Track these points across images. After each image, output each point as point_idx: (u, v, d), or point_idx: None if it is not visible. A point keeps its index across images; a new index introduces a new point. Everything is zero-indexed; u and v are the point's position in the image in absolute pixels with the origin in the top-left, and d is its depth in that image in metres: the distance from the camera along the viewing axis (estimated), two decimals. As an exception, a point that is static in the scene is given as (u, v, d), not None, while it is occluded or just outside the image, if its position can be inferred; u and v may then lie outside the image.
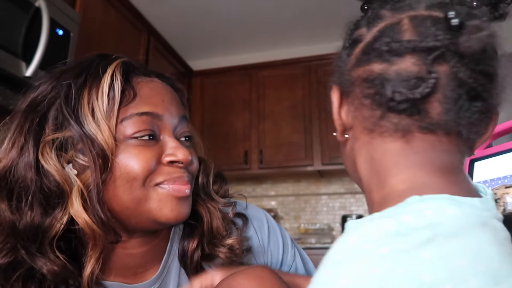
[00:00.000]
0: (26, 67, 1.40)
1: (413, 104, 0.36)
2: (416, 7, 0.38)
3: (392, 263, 0.30)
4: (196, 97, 3.20)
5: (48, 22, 1.44)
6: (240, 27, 3.00)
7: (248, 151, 2.98)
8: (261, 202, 3.23)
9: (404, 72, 0.36)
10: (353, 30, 0.43)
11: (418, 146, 0.37)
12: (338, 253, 0.32)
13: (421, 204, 0.33)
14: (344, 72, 0.42)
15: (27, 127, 0.53)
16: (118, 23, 2.26)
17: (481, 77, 0.36)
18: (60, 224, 0.51)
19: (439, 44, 0.35)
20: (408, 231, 0.31)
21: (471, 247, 0.31)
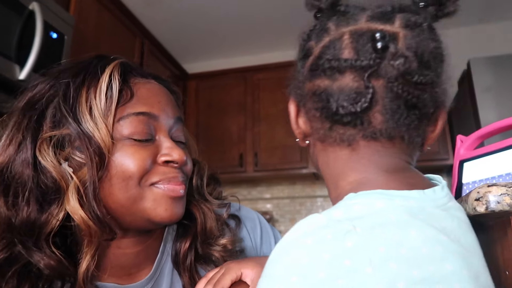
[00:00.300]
0: (20, 70, 1.40)
1: (356, 116, 0.39)
2: (358, 19, 0.42)
3: (317, 251, 0.34)
4: (191, 100, 3.20)
5: (42, 25, 1.44)
6: (235, 30, 3.02)
7: (243, 153, 2.98)
8: (257, 204, 3.23)
9: (345, 87, 0.39)
10: (305, 41, 0.46)
11: (363, 152, 0.41)
12: (277, 247, 0.37)
13: (354, 200, 0.38)
14: (299, 84, 0.45)
15: (25, 124, 0.53)
16: (112, 26, 2.26)
17: (414, 90, 0.38)
18: (56, 220, 0.52)
19: (371, 63, 0.38)
20: (333, 224, 0.36)
21: (394, 234, 0.35)
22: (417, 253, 0.34)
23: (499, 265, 0.50)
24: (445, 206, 0.40)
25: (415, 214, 0.37)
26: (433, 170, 3.03)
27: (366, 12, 0.42)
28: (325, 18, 0.44)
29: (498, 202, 0.43)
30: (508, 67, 2.13)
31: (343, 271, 0.33)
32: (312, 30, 0.45)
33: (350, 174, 0.42)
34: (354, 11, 0.43)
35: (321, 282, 0.33)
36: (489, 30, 2.97)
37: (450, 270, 0.35)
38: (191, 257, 0.63)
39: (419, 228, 0.36)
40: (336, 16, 0.43)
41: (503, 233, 0.48)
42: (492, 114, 2.07)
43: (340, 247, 0.34)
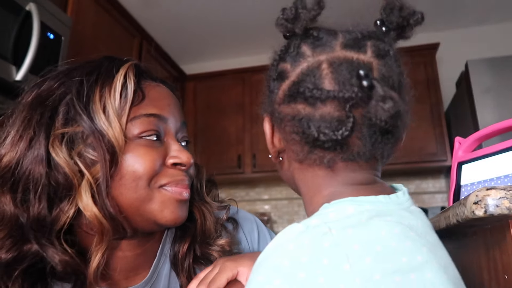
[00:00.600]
0: (17, 71, 1.39)
1: (336, 142, 0.41)
2: (333, 46, 0.43)
3: (297, 254, 0.37)
4: (189, 101, 3.19)
5: (39, 26, 1.43)
6: (233, 31, 3.01)
7: (241, 155, 2.97)
8: (255, 206, 3.23)
9: (326, 116, 0.41)
10: (278, 61, 0.47)
11: (340, 170, 0.44)
12: (260, 256, 0.40)
13: (328, 208, 0.42)
14: (274, 105, 0.47)
15: (36, 120, 0.53)
16: (110, 27, 2.26)
17: (390, 119, 0.40)
18: (66, 217, 0.51)
19: (354, 96, 0.40)
20: (310, 229, 0.38)
21: (366, 233, 0.38)
22: (389, 248, 0.37)
23: (498, 269, 0.50)
24: (409, 208, 0.44)
25: (384, 216, 0.40)
26: (431, 171, 3.04)
27: (339, 39, 0.44)
28: (297, 40, 0.46)
29: (497, 206, 0.43)
30: (507, 69, 2.13)
31: (322, 269, 0.35)
32: (286, 52, 0.47)
33: (325, 189, 0.45)
34: (327, 37, 0.45)
35: (303, 281, 0.35)
36: (487, 32, 2.98)
37: (421, 261, 0.38)
38: (190, 258, 0.63)
39: (388, 227, 0.39)
40: (310, 40, 0.45)
41: (501, 237, 0.48)
42: (490, 116, 2.07)
43: (318, 248, 0.37)
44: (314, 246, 0.37)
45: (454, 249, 0.71)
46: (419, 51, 2.82)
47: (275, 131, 0.49)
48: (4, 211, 0.51)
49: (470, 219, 0.46)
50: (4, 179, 0.52)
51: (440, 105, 2.69)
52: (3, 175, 0.52)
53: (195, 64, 3.43)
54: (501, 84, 2.12)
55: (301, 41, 0.45)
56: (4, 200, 0.52)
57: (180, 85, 3.21)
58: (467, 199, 0.46)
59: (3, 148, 0.53)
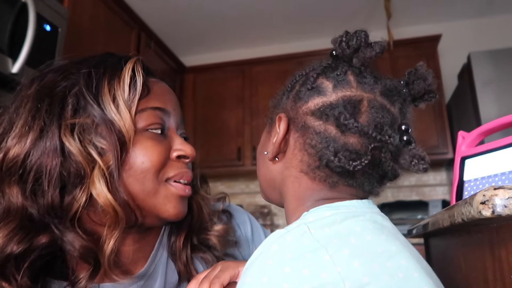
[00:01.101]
0: (13, 63, 1.37)
1: (347, 171, 0.44)
2: (374, 89, 0.46)
3: (281, 252, 0.39)
4: (189, 93, 3.17)
5: (35, 17, 1.41)
6: (232, 22, 2.98)
7: (241, 147, 2.96)
8: (255, 198, 3.23)
9: (350, 145, 0.44)
10: (318, 74, 0.49)
11: (338, 190, 0.47)
12: (248, 261, 0.42)
13: (307, 215, 0.45)
14: (299, 111, 0.48)
15: (45, 110, 0.53)
16: (108, 19, 2.23)
17: (398, 168, 0.46)
18: (78, 205, 0.52)
19: (384, 140, 0.43)
20: (290, 230, 0.41)
21: (343, 229, 0.41)
22: (364, 240, 0.41)
23: (504, 269, 0.48)
24: (378, 214, 0.47)
25: (357, 216, 0.44)
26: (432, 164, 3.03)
27: (379, 84, 0.47)
28: (346, 67, 0.48)
29: (505, 206, 0.41)
30: (509, 61, 2.11)
31: (305, 262, 0.38)
32: (331, 72, 0.48)
33: (311, 200, 0.48)
34: (371, 77, 0.47)
35: (288, 275, 0.37)
36: (490, 24, 2.94)
37: (395, 250, 0.41)
38: (187, 249, 0.64)
39: (362, 224, 0.42)
40: (357, 72, 0.47)
41: (508, 237, 0.46)
42: (492, 108, 2.05)
43: (300, 245, 0.39)
44: (296, 243, 0.40)
45: (455, 246, 0.70)
46: (421, 43, 2.79)
47: (288, 134, 0.49)
48: (11, 204, 0.51)
49: (477, 219, 0.45)
50: (11, 171, 0.52)
51: (441, 98, 2.67)
52: (10, 168, 0.52)
53: (195, 56, 3.40)
54: (503, 76, 2.10)
55: (349, 69, 0.48)
56: (11, 192, 0.52)
57: (180, 77, 3.19)
58: (473, 198, 0.45)
59: (9, 141, 0.53)
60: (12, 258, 0.50)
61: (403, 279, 0.38)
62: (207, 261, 0.65)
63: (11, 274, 0.50)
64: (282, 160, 0.50)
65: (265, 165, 0.53)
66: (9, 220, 0.51)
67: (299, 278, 0.37)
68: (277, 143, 0.49)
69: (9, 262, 0.50)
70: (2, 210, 0.52)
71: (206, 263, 0.65)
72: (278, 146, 0.50)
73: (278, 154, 0.51)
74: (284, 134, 0.49)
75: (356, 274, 0.37)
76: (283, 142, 0.49)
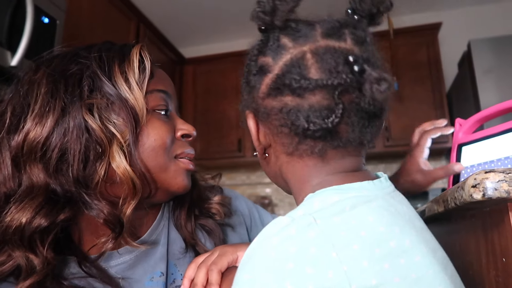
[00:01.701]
0: (12, 56, 1.37)
1: (327, 130, 0.42)
2: (313, 36, 0.44)
3: (284, 246, 0.37)
4: (189, 85, 3.17)
5: (33, 9, 1.41)
6: (232, 13, 2.97)
7: (242, 138, 2.97)
8: (256, 189, 3.24)
9: (316, 105, 0.42)
10: (257, 56, 0.47)
11: (330, 159, 0.45)
12: (246, 252, 0.40)
13: (312, 198, 0.42)
14: (257, 100, 0.47)
15: (63, 91, 0.56)
16: (106, 10, 2.22)
17: (378, 102, 0.41)
18: (98, 177, 0.55)
19: (343, 82, 0.40)
20: (295, 221, 0.38)
21: (353, 220, 0.38)
22: (376, 233, 0.38)
23: (496, 252, 0.49)
24: (393, 193, 0.45)
25: (369, 202, 0.41)
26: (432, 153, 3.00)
27: (318, 29, 0.44)
28: (276, 33, 0.45)
29: (495, 189, 0.42)
30: (509, 48, 2.10)
31: (310, 259, 0.35)
32: (265, 46, 0.46)
33: (314, 179, 0.46)
34: (305, 28, 0.45)
35: (291, 272, 0.35)
36: (490, 11, 2.92)
37: (409, 245, 0.38)
38: (191, 221, 0.69)
39: (375, 213, 0.40)
40: (289, 32, 0.45)
41: (500, 220, 0.47)
42: (492, 96, 2.05)
43: (304, 238, 0.37)
44: (300, 237, 0.37)
45: (451, 231, 0.70)
46: (421, 31, 2.77)
47: (260, 127, 0.49)
48: (33, 182, 0.54)
49: (469, 202, 0.45)
50: (33, 152, 0.54)
51: (441, 86, 2.66)
52: (32, 148, 0.54)
53: (194, 47, 3.39)
54: (503, 64, 2.09)
55: (280, 33, 0.45)
56: (33, 171, 0.54)
57: (179, 69, 3.18)
58: (465, 182, 0.45)
59: (28, 122, 0.55)
60: (39, 231, 0.53)
61: (415, 280, 0.37)
62: (209, 227, 0.70)
63: (37, 246, 0.53)
64: (271, 153, 0.50)
65: (264, 166, 0.53)
66: (34, 196, 0.54)
67: (302, 276, 0.35)
68: (254, 139, 0.49)
69: (36, 235, 0.53)
70: (24, 187, 0.54)
71: (207, 231, 0.70)
72: (257, 142, 0.49)
73: (266, 150, 0.50)
74: (256, 129, 0.49)
75: (364, 275, 0.35)
76: (260, 136, 0.49)
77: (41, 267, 0.52)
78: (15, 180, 0.55)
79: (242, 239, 0.75)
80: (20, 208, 0.53)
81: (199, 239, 0.68)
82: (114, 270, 0.60)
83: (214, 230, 0.69)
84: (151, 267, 0.62)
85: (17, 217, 0.52)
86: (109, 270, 0.59)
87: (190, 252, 0.66)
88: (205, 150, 2.96)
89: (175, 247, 0.66)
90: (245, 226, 0.78)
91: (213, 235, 0.69)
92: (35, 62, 0.61)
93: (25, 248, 0.52)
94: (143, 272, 0.61)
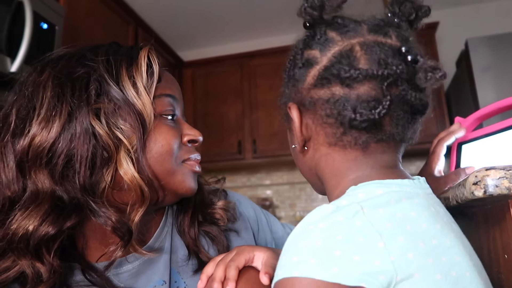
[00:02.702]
0: (11, 62, 1.38)
1: (373, 122, 0.42)
2: (360, 31, 0.45)
3: (331, 232, 0.37)
4: (188, 88, 3.18)
5: (31, 16, 1.41)
6: (230, 16, 2.97)
7: (242, 140, 2.97)
8: (256, 191, 3.24)
9: (363, 95, 0.42)
10: (303, 49, 0.48)
11: (371, 152, 0.45)
12: (289, 238, 0.40)
13: (356, 190, 0.43)
14: (302, 92, 0.47)
15: (70, 95, 0.54)
16: (104, 15, 2.22)
17: (423, 96, 0.43)
18: (105, 184, 0.54)
19: (392, 73, 0.42)
20: (342, 208, 0.39)
21: (398, 213, 0.39)
22: (420, 228, 0.39)
23: (498, 249, 0.49)
24: (431, 195, 0.46)
25: (411, 198, 0.42)
26: (432, 152, 3.03)
27: (364, 25, 0.46)
28: (323, 28, 0.47)
29: (496, 186, 0.42)
30: (507, 47, 2.11)
31: (357, 247, 0.36)
32: (312, 39, 0.47)
33: (353, 172, 0.46)
34: (352, 23, 0.46)
35: (338, 259, 0.36)
36: (487, 9, 2.93)
37: (449, 244, 0.40)
38: (195, 227, 0.68)
39: (418, 209, 0.40)
40: (336, 27, 0.46)
41: (501, 217, 0.47)
42: (491, 95, 2.05)
43: (352, 226, 0.37)
44: (348, 224, 0.38)
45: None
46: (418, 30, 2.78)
47: (304, 118, 0.49)
48: (39, 188, 0.53)
49: (470, 200, 0.46)
50: (39, 157, 0.53)
51: (440, 85, 2.67)
52: (38, 154, 0.53)
53: (193, 50, 3.40)
54: (502, 62, 2.10)
55: (326, 28, 0.47)
56: (39, 177, 0.53)
57: (178, 72, 3.18)
58: (466, 180, 0.45)
59: (34, 127, 0.53)
60: (46, 239, 0.52)
61: (455, 278, 0.38)
62: (212, 234, 0.68)
63: (43, 254, 0.52)
64: (310, 146, 0.50)
65: (299, 160, 0.53)
66: (39, 202, 0.52)
67: (350, 263, 0.35)
68: (298, 131, 0.49)
69: (42, 243, 0.52)
70: (29, 194, 0.53)
71: (211, 237, 0.68)
72: (300, 133, 0.49)
73: (306, 143, 0.50)
74: (299, 120, 0.49)
75: (410, 268, 0.36)
76: (302, 128, 0.49)
77: (48, 275, 0.51)
78: (20, 184, 0.54)
79: (247, 244, 0.72)
80: (26, 215, 0.52)
81: (202, 246, 0.67)
82: (118, 278, 0.59)
83: (218, 237, 0.68)
84: (154, 275, 0.61)
85: (23, 224, 0.51)
86: (112, 278, 0.58)
87: (192, 259, 0.65)
88: (205, 153, 2.96)
89: (178, 255, 0.65)
90: (251, 231, 0.76)
91: (217, 242, 0.68)
92: (40, 63, 0.59)
93: (31, 256, 0.51)
94: (146, 281, 0.60)
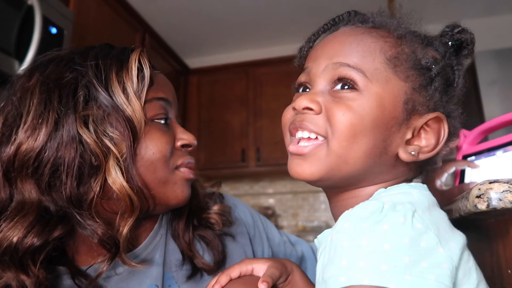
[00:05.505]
0: (19, 65, 1.39)
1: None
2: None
3: (397, 236, 0.35)
4: (193, 95, 3.19)
5: (41, 20, 1.43)
6: (237, 24, 3.00)
7: (245, 149, 2.97)
8: (259, 200, 3.23)
9: None
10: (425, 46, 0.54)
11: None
12: (342, 233, 0.38)
13: (391, 191, 0.43)
14: (450, 105, 0.49)
15: (57, 102, 0.53)
16: (112, 21, 2.25)
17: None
18: (93, 194, 0.53)
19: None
20: (397, 207, 0.38)
21: (438, 216, 0.39)
22: (450, 234, 0.39)
23: (501, 263, 0.49)
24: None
25: (435, 204, 0.42)
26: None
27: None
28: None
29: (500, 199, 0.42)
30: (513, 60, 2.10)
31: (422, 254, 0.35)
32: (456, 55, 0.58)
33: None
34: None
35: (409, 266, 0.34)
36: (493, 23, 2.93)
37: (467, 252, 0.40)
38: (189, 232, 0.66)
39: (443, 215, 0.41)
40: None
41: (505, 231, 0.47)
42: (497, 108, 2.05)
43: (414, 230, 0.36)
44: (410, 227, 0.36)
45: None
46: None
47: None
48: (25, 198, 0.51)
49: (473, 213, 0.45)
50: (25, 166, 0.52)
51: (445, 98, 2.66)
52: (24, 162, 0.51)
53: (199, 58, 3.42)
54: (507, 76, 2.10)
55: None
56: (25, 187, 0.52)
57: (184, 79, 3.20)
58: (469, 193, 0.45)
59: (20, 134, 0.52)
60: (31, 251, 0.50)
61: (477, 284, 0.40)
62: (207, 239, 0.67)
63: (28, 266, 0.50)
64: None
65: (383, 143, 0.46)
66: (25, 213, 0.51)
67: (419, 269, 0.34)
68: (441, 145, 0.46)
69: (27, 255, 0.50)
70: (15, 204, 0.52)
71: (206, 242, 0.67)
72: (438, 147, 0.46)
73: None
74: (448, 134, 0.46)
75: (459, 272, 0.37)
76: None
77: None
78: (6, 193, 0.53)
79: (243, 249, 0.72)
80: (12, 226, 0.50)
81: (197, 250, 0.66)
82: (109, 281, 0.58)
83: (213, 241, 0.67)
84: (146, 279, 0.60)
85: (8, 235, 0.50)
86: (102, 283, 0.57)
87: (186, 264, 0.64)
88: (209, 160, 2.96)
89: (172, 259, 0.64)
90: (247, 236, 0.75)
91: (212, 247, 0.66)
92: (29, 67, 0.58)
93: (16, 268, 0.50)
94: (138, 284, 0.59)
